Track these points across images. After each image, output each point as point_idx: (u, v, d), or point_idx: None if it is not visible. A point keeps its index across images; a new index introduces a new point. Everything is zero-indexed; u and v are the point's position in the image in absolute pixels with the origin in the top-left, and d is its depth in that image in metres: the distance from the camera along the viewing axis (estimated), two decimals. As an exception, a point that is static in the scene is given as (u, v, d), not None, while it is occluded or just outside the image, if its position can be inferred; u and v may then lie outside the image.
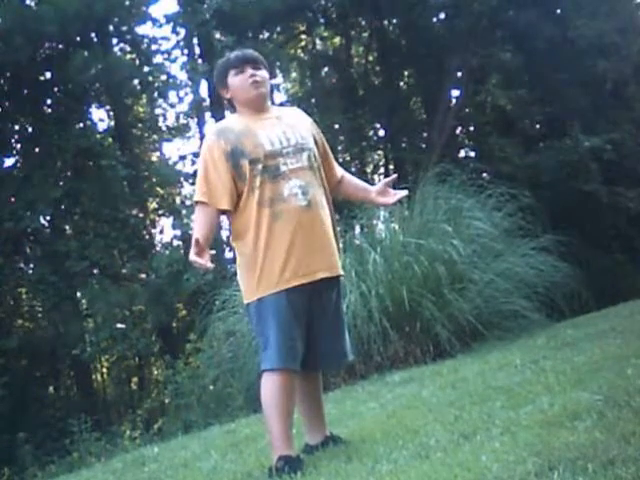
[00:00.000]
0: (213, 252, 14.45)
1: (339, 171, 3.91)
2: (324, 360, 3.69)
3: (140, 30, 14.55)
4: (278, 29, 15.81)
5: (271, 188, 3.50)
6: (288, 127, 3.65)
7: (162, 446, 6.21)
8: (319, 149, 3.73)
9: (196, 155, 15.98)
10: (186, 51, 14.82)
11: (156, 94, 15.84)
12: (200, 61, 14.34)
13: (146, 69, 14.41)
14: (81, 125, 14.64)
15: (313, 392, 3.72)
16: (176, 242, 15.05)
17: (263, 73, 3.72)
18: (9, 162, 14.52)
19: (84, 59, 13.30)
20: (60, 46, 13.82)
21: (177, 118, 17.40)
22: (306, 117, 3.85)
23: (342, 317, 3.74)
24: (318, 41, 18.00)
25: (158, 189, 16.52)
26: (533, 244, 8.13)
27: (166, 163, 16.75)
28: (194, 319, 10.61)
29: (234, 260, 3.77)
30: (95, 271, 13.77)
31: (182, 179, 16.12)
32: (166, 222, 16.52)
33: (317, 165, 3.66)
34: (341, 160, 15.07)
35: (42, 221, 14.03)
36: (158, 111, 17.19)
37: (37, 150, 14.35)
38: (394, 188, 3.85)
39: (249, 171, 3.51)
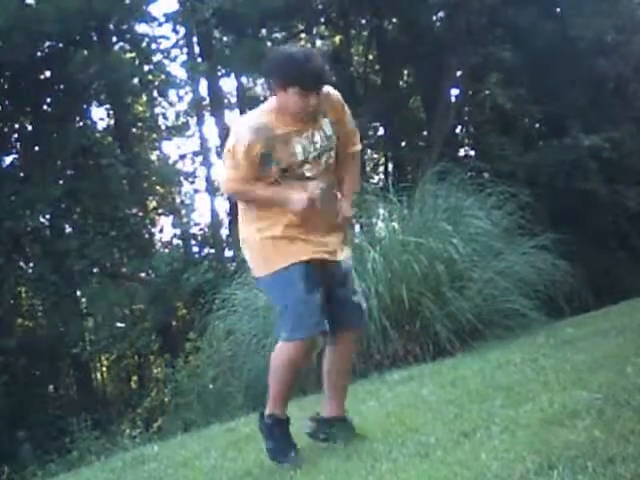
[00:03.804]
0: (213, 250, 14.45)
1: (349, 162, 3.89)
2: (347, 316, 3.76)
3: (140, 29, 14.58)
4: (278, 28, 15.80)
5: (295, 186, 3.60)
6: (319, 130, 3.66)
7: (162, 445, 6.21)
8: (339, 137, 3.74)
9: (196, 154, 16.00)
10: (186, 50, 14.83)
11: (156, 93, 15.87)
12: (200, 60, 14.34)
13: (146, 68, 14.43)
14: (81, 124, 14.66)
15: (339, 362, 3.77)
16: (176, 241, 15.07)
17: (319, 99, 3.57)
18: (9, 161, 14.56)
19: (84, 58, 13.32)
20: (60, 45, 13.83)
21: (177, 117, 17.43)
22: (337, 102, 3.76)
23: (353, 280, 3.88)
24: (318, 40, 17.98)
25: (158, 188, 16.53)
26: (533, 243, 8.12)
27: (166, 162, 16.78)
28: (194, 318, 10.61)
29: (234, 259, 3.79)
30: (95, 270, 13.78)
31: (182, 178, 16.13)
32: (166, 221, 16.57)
33: (332, 162, 3.73)
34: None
35: (42, 220, 14.04)
36: (158, 110, 17.23)
37: (37, 149, 14.36)
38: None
39: (278, 175, 3.60)
